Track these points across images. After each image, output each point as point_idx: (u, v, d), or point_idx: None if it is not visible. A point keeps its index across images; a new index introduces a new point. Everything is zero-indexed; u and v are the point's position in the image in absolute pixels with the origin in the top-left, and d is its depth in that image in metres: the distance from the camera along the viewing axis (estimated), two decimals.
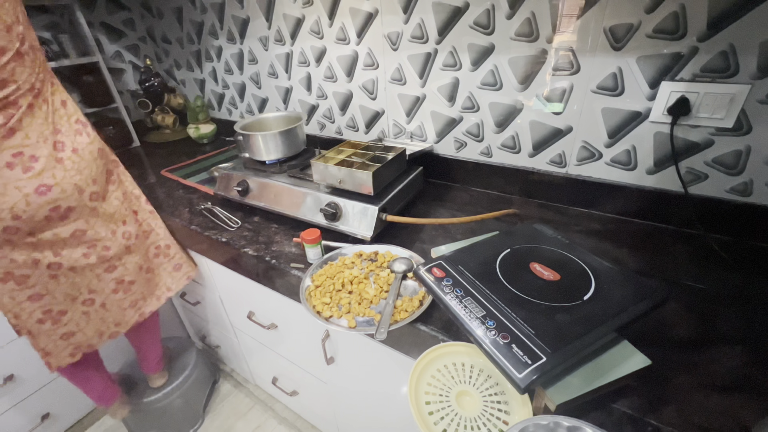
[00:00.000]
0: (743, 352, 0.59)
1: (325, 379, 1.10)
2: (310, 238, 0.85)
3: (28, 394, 1.31)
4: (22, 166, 0.76)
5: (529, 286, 0.62)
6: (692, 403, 0.52)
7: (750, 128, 0.76)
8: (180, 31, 1.71)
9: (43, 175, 0.78)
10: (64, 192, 0.81)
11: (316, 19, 1.23)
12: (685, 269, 0.77)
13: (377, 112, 1.27)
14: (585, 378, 0.52)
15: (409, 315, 0.69)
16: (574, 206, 1.02)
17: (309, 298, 0.78)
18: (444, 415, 0.55)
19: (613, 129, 0.89)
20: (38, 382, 1.33)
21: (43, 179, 0.78)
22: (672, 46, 0.76)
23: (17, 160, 0.75)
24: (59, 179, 0.80)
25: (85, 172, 0.85)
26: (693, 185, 0.86)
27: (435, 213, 1.05)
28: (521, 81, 0.96)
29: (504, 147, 1.07)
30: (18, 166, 0.76)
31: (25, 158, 0.76)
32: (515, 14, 0.89)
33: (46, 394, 1.35)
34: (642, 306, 0.57)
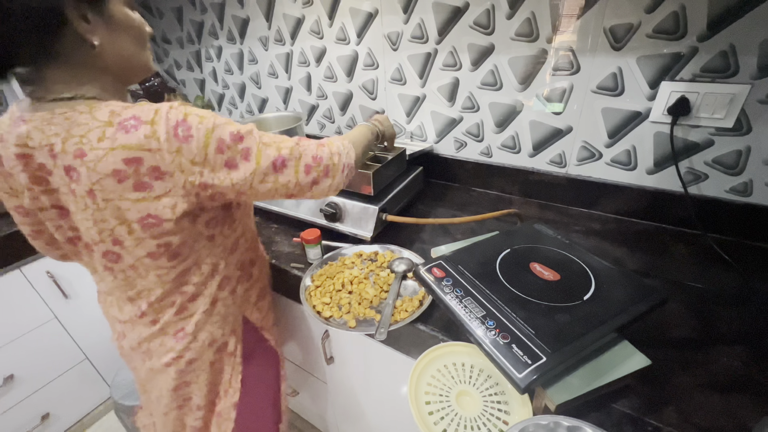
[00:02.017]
0: (743, 352, 0.59)
1: (325, 379, 1.10)
2: (310, 238, 0.85)
3: (28, 394, 1.31)
4: None
5: (529, 286, 0.62)
6: (692, 403, 0.52)
7: (750, 128, 0.76)
8: (180, 31, 1.71)
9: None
10: None
11: (316, 19, 1.23)
12: (685, 269, 0.77)
13: (377, 112, 1.27)
14: (585, 378, 0.52)
15: (409, 315, 0.69)
16: (574, 206, 1.02)
17: (309, 298, 0.78)
18: (444, 415, 0.55)
19: (613, 129, 0.89)
20: (38, 382, 1.33)
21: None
22: (672, 46, 0.76)
23: None
24: None
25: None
26: (693, 185, 0.86)
27: (435, 213, 1.05)
28: (521, 81, 0.96)
29: (504, 147, 1.07)
30: None
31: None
32: (515, 14, 0.89)
33: (46, 394, 1.35)
34: (642, 306, 0.57)
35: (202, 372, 0.70)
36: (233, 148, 0.52)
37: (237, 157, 0.53)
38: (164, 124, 0.47)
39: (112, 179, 0.48)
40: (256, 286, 0.77)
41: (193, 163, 0.50)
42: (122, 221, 0.52)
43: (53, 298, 1.30)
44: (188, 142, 0.49)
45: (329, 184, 0.61)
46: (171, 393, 0.70)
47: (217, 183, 0.53)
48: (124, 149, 0.46)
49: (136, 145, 0.47)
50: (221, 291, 0.68)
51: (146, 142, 0.47)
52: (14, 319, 1.23)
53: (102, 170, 0.47)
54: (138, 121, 0.47)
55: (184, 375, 0.69)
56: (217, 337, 0.70)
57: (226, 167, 0.52)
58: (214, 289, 0.66)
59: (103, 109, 0.48)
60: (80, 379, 1.44)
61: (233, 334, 0.72)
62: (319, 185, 0.60)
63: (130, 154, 0.47)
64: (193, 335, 0.66)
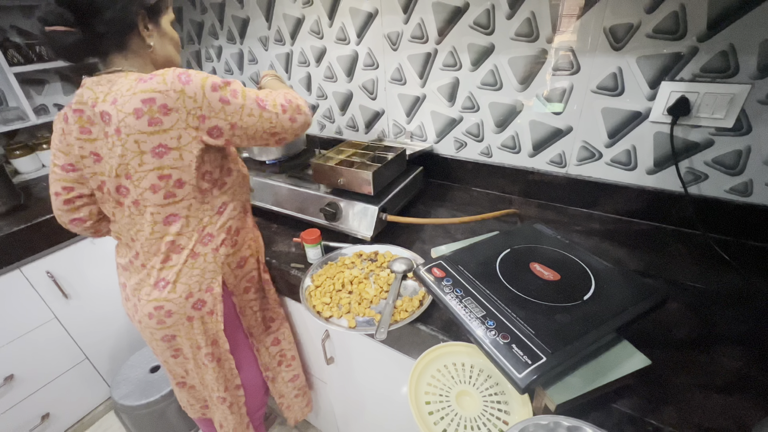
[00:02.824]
0: (743, 352, 0.59)
1: (325, 379, 1.10)
2: (310, 238, 0.85)
3: (28, 394, 1.31)
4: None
5: (529, 286, 0.62)
6: (692, 403, 0.52)
7: (750, 128, 0.76)
8: (180, 31, 1.71)
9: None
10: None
11: (316, 19, 1.23)
12: (685, 269, 0.77)
13: (377, 112, 1.27)
14: (585, 378, 0.52)
15: (409, 315, 0.69)
16: (574, 206, 1.02)
17: (309, 298, 0.78)
18: (444, 415, 0.55)
19: (613, 129, 0.89)
20: (38, 382, 1.33)
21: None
22: (672, 46, 0.76)
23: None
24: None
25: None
26: (693, 185, 0.86)
27: (435, 213, 1.05)
28: (521, 81, 0.96)
29: (504, 147, 1.07)
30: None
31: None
32: (515, 14, 0.89)
33: (46, 394, 1.35)
34: (642, 306, 0.57)
35: (182, 326, 0.79)
36: (224, 89, 0.66)
37: (228, 95, 0.66)
38: (171, 74, 0.63)
39: (133, 117, 0.62)
40: (237, 254, 0.83)
41: (194, 100, 0.64)
42: (138, 153, 0.65)
43: (53, 298, 1.30)
44: (188, 83, 0.63)
45: (304, 120, 0.74)
46: (161, 342, 0.82)
47: (213, 115, 0.65)
48: (142, 92, 0.62)
49: (150, 88, 0.62)
50: (203, 246, 0.76)
51: (157, 85, 0.62)
52: (14, 319, 1.23)
53: (126, 110, 0.62)
54: (153, 75, 0.63)
55: (165, 328, 0.79)
56: (194, 291, 0.77)
57: (220, 102, 0.65)
58: (195, 242, 0.75)
59: (133, 75, 0.66)
60: (80, 379, 1.44)
61: (209, 291, 0.79)
62: (297, 121, 0.73)
63: (145, 96, 0.61)
64: (173, 285, 0.75)
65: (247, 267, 0.86)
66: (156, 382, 1.31)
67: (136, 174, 0.67)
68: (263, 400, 1.04)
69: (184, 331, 0.80)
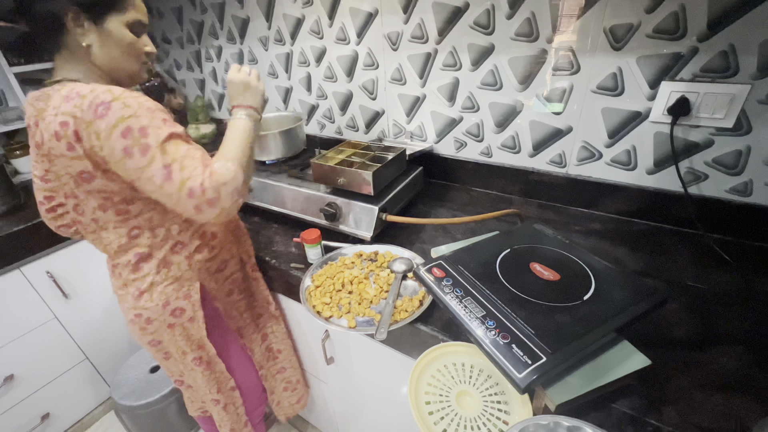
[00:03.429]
0: (743, 352, 0.59)
1: (325, 379, 1.10)
2: (311, 238, 0.85)
3: (28, 394, 1.31)
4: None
5: (529, 286, 0.62)
6: (692, 403, 0.52)
7: (750, 128, 0.76)
8: (180, 31, 1.71)
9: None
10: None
11: (316, 19, 1.23)
12: (685, 269, 0.77)
13: (377, 112, 1.27)
14: (585, 378, 0.52)
15: (409, 315, 0.69)
16: (574, 206, 1.02)
17: (309, 298, 0.78)
18: (444, 415, 0.55)
19: (613, 129, 0.89)
20: (38, 382, 1.33)
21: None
22: (672, 46, 0.76)
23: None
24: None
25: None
26: (693, 185, 0.86)
27: (435, 213, 1.05)
28: (521, 81, 0.96)
29: (504, 147, 1.07)
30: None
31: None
32: (515, 14, 0.89)
33: (46, 394, 1.35)
34: (642, 306, 0.57)
35: (165, 333, 0.78)
36: (135, 139, 0.57)
37: (135, 148, 0.57)
38: (90, 99, 0.57)
39: (55, 139, 0.59)
40: (217, 258, 0.81)
41: (98, 137, 0.57)
42: (70, 177, 0.63)
43: (53, 298, 1.30)
44: (101, 118, 0.56)
45: (215, 214, 0.61)
46: (149, 347, 0.81)
47: (112, 162, 0.59)
48: (62, 114, 0.57)
49: (67, 111, 0.57)
50: (175, 255, 0.74)
51: (73, 109, 0.57)
52: (14, 319, 1.23)
53: (50, 131, 0.59)
54: (77, 95, 0.57)
55: (149, 333, 0.78)
56: (171, 299, 0.75)
57: (123, 152, 0.57)
58: (166, 252, 0.73)
59: (67, 87, 0.60)
60: (80, 379, 1.44)
61: (187, 299, 0.77)
62: (204, 213, 0.61)
63: (63, 118, 0.57)
64: (149, 294, 0.74)
65: (228, 270, 0.85)
66: (156, 382, 1.31)
67: (80, 195, 0.65)
68: (261, 398, 1.04)
69: (168, 337, 0.78)
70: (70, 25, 0.62)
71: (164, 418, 1.33)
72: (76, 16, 0.62)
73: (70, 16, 0.61)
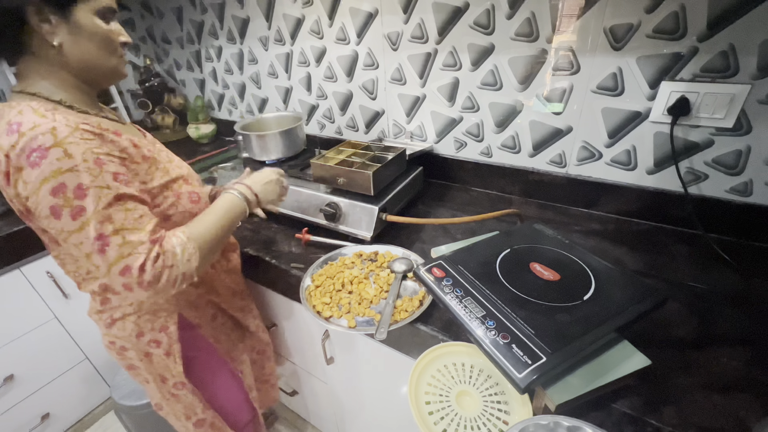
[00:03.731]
0: (743, 352, 0.59)
1: (325, 379, 1.10)
2: None
3: (28, 394, 1.31)
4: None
5: (529, 286, 0.62)
6: (692, 403, 0.52)
7: (750, 128, 0.76)
8: (180, 31, 1.71)
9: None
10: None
11: (316, 19, 1.23)
12: (685, 269, 0.77)
13: (377, 112, 1.27)
14: (585, 378, 0.52)
15: (409, 315, 0.69)
16: (574, 206, 1.02)
17: (309, 298, 0.78)
18: (444, 415, 0.55)
19: (613, 129, 0.89)
20: (38, 382, 1.33)
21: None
22: (672, 46, 0.76)
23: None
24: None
25: None
26: (693, 185, 0.86)
27: (435, 213, 1.05)
28: (521, 81, 0.96)
29: (504, 147, 1.07)
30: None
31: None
32: (515, 14, 0.89)
33: (46, 394, 1.35)
34: (642, 306, 0.57)
35: (140, 361, 0.73)
36: (68, 199, 0.50)
37: (65, 210, 0.50)
38: (26, 141, 0.48)
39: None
40: (197, 289, 0.76)
41: (25, 188, 0.50)
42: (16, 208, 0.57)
43: (53, 298, 1.30)
44: (32, 168, 0.48)
45: (145, 296, 0.55)
46: (129, 371, 0.77)
47: (35, 217, 0.53)
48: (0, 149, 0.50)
49: (4, 146, 0.49)
50: None
51: (8, 148, 0.49)
52: (14, 319, 1.23)
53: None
54: (17, 127, 0.49)
55: (125, 359, 0.74)
56: (145, 330, 0.70)
57: (49, 210, 0.50)
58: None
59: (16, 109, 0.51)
60: (80, 379, 1.44)
61: (164, 331, 0.72)
62: (132, 292, 0.54)
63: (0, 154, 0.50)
64: (121, 323, 0.69)
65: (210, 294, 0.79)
66: None
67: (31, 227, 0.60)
68: (250, 414, 0.97)
69: (145, 365, 0.73)
70: (33, 21, 0.51)
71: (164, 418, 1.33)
72: (39, 9, 0.51)
73: (32, 10, 0.50)
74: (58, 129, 0.49)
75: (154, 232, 0.56)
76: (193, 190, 0.69)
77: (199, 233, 0.60)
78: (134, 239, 0.53)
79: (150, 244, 0.54)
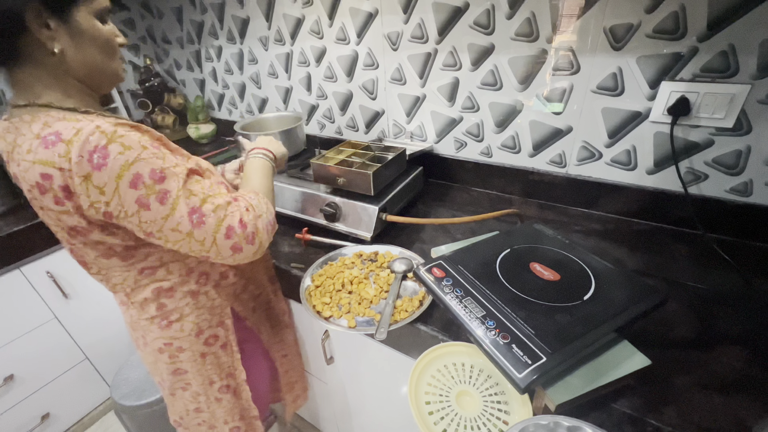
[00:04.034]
0: (743, 352, 0.59)
1: (325, 379, 1.10)
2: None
3: (28, 394, 1.31)
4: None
5: (529, 286, 0.62)
6: (692, 403, 0.52)
7: (750, 128, 0.76)
8: (180, 31, 1.71)
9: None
10: None
11: (316, 19, 1.23)
12: (685, 269, 0.77)
13: (377, 112, 1.27)
14: (585, 378, 0.52)
15: (409, 315, 0.69)
16: (574, 206, 1.02)
17: (309, 298, 0.78)
18: (444, 415, 0.55)
19: (613, 129, 0.89)
20: (38, 382, 1.33)
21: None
22: (672, 46, 0.76)
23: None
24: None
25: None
26: (693, 185, 0.86)
27: (435, 213, 1.05)
28: (521, 81, 0.96)
29: (504, 147, 1.07)
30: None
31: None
32: (515, 14, 0.89)
33: (46, 394, 1.35)
34: (642, 306, 0.57)
35: (194, 362, 0.73)
36: (150, 187, 0.50)
37: (151, 197, 0.50)
38: (79, 147, 0.46)
39: (37, 190, 0.49)
40: (241, 280, 0.79)
41: (101, 192, 0.48)
42: (60, 228, 0.54)
43: (53, 298, 1.30)
44: (100, 170, 0.47)
45: (254, 251, 0.57)
46: (171, 377, 0.75)
47: (123, 217, 0.51)
48: (42, 164, 0.47)
49: (49, 161, 0.47)
50: (202, 285, 0.70)
51: (58, 160, 0.46)
52: (14, 319, 1.23)
53: (29, 180, 0.48)
54: (57, 138, 0.47)
55: (177, 362, 0.72)
56: (204, 328, 0.72)
57: (136, 204, 0.50)
58: (192, 285, 0.68)
59: (38, 121, 0.49)
60: (80, 379, 1.44)
61: (221, 326, 0.74)
62: (242, 252, 0.56)
63: (45, 170, 0.47)
64: (179, 324, 0.69)
65: (251, 286, 0.82)
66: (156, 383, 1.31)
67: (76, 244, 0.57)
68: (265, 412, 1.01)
69: (197, 367, 0.74)
70: (33, 27, 0.47)
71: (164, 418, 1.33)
72: (38, 13, 0.47)
73: (32, 14, 0.47)
74: (102, 127, 0.48)
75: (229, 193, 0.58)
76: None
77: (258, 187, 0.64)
78: (221, 202, 0.55)
79: (234, 202, 0.56)
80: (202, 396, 0.78)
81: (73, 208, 0.50)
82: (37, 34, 0.48)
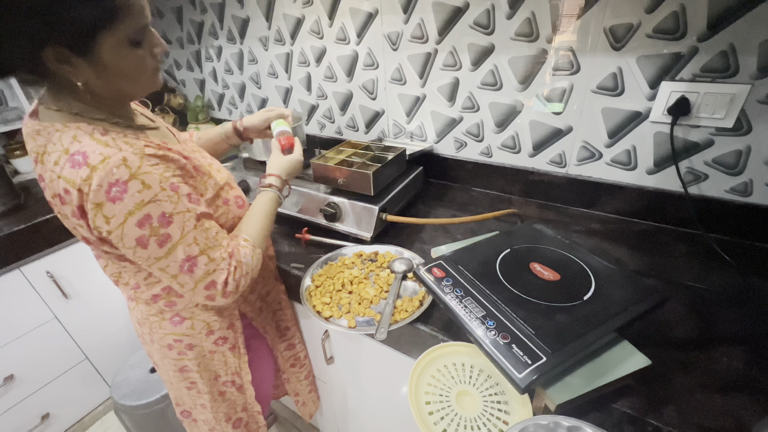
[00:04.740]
0: (743, 352, 0.59)
1: (325, 379, 1.10)
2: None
3: (28, 394, 1.31)
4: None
5: (529, 286, 0.62)
6: (692, 403, 0.52)
7: (750, 128, 0.76)
8: (180, 31, 1.71)
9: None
10: None
11: (316, 19, 1.23)
12: (685, 269, 0.77)
13: (377, 112, 1.27)
14: (585, 378, 0.52)
15: (409, 315, 0.69)
16: (574, 206, 1.02)
17: (309, 298, 0.78)
18: (444, 415, 0.55)
19: (613, 129, 0.89)
20: (38, 382, 1.33)
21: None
22: (672, 46, 0.76)
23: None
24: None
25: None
26: (693, 185, 0.86)
27: (435, 213, 1.05)
28: (521, 81, 0.96)
29: (504, 147, 1.07)
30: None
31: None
32: (515, 14, 0.89)
33: (46, 394, 1.35)
34: (642, 306, 0.57)
35: (202, 359, 0.75)
36: (155, 229, 0.52)
37: (152, 239, 0.52)
38: (101, 176, 0.48)
39: (58, 200, 0.52)
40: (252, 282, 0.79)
41: (107, 221, 0.50)
42: (76, 232, 0.57)
43: (53, 298, 1.30)
44: (114, 202, 0.49)
45: (224, 302, 0.61)
46: (177, 374, 0.76)
47: (120, 247, 0.53)
48: (65, 180, 0.49)
49: (72, 181, 0.49)
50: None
51: (80, 183, 0.48)
52: (14, 319, 1.23)
53: (53, 189, 0.51)
54: (84, 160, 0.48)
55: (183, 359, 0.74)
56: (214, 328, 0.74)
57: (136, 241, 0.52)
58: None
59: (68, 133, 0.51)
60: (80, 379, 1.44)
61: (231, 328, 0.76)
62: (214, 302, 0.60)
63: (67, 186, 0.49)
64: (190, 321, 0.71)
65: (258, 288, 0.84)
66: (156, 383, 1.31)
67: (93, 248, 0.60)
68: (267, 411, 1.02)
69: (203, 364, 0.75)
70: (52, 66, 0.48)
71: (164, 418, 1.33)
72: (56, 53, 0.47)
73: (49, 53, 0.46)
74: (129, 159, 0.49)
75: (228, 245, 0.60)
76: (237, 194, 0.72)
77: (257, 234, 0.66)
78: (217, 256, 0.58)
79: (229, 258, 0.59)
80: (207, 394, 0.79)
81: (86, 224, 0.53)
82: (57, 71, 0.49)
